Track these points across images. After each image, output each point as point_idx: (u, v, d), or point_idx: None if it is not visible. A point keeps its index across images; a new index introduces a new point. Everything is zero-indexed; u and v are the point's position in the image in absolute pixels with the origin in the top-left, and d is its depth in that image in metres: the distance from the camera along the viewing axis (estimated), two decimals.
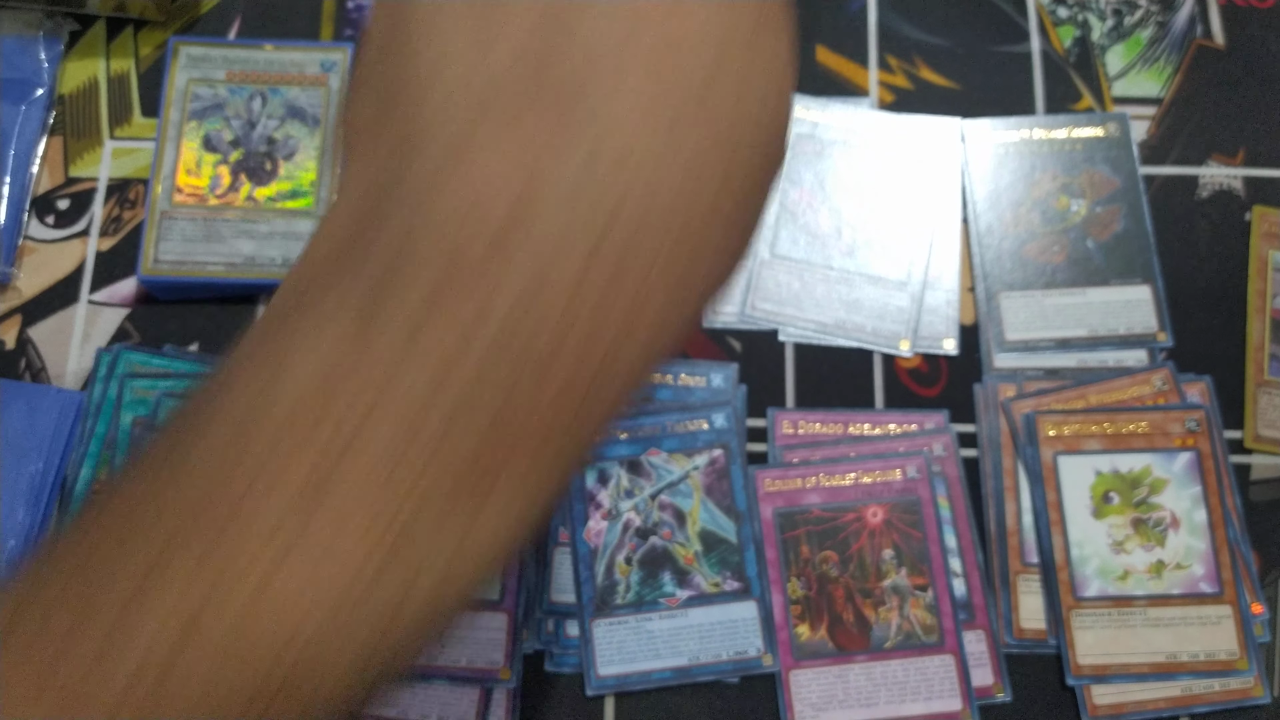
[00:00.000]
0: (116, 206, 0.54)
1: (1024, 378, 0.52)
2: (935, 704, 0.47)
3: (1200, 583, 0.48)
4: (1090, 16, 0.60)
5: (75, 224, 0.54)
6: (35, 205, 0.54)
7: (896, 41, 0.59)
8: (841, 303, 0.53)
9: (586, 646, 0.47)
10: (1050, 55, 0.59)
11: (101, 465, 0.49)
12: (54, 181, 0.54)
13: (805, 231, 0.54)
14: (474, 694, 0.46)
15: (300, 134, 0.54)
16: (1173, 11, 0.60)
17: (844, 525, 0.49)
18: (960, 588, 0.49)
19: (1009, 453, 0.50)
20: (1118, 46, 0.59)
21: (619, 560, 0.48)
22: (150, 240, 0.52)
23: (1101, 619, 0.48)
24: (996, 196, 0.55)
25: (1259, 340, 0.53)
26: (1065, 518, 0.49)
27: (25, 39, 0.56)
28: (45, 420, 0.49)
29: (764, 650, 0.47)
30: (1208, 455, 0.50)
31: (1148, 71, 0.59)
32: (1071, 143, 0.56)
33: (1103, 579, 0.48)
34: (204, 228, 0.52)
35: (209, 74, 0.55)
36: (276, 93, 0.55)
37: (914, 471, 0.50)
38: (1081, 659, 0.47)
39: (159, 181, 0.53)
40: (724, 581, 0.48)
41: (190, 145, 0.54)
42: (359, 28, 0.58)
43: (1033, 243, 0.55)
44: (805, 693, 0.47)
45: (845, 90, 0.58)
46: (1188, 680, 0.47)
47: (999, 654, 0.48)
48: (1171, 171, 0.57)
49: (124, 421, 0.49)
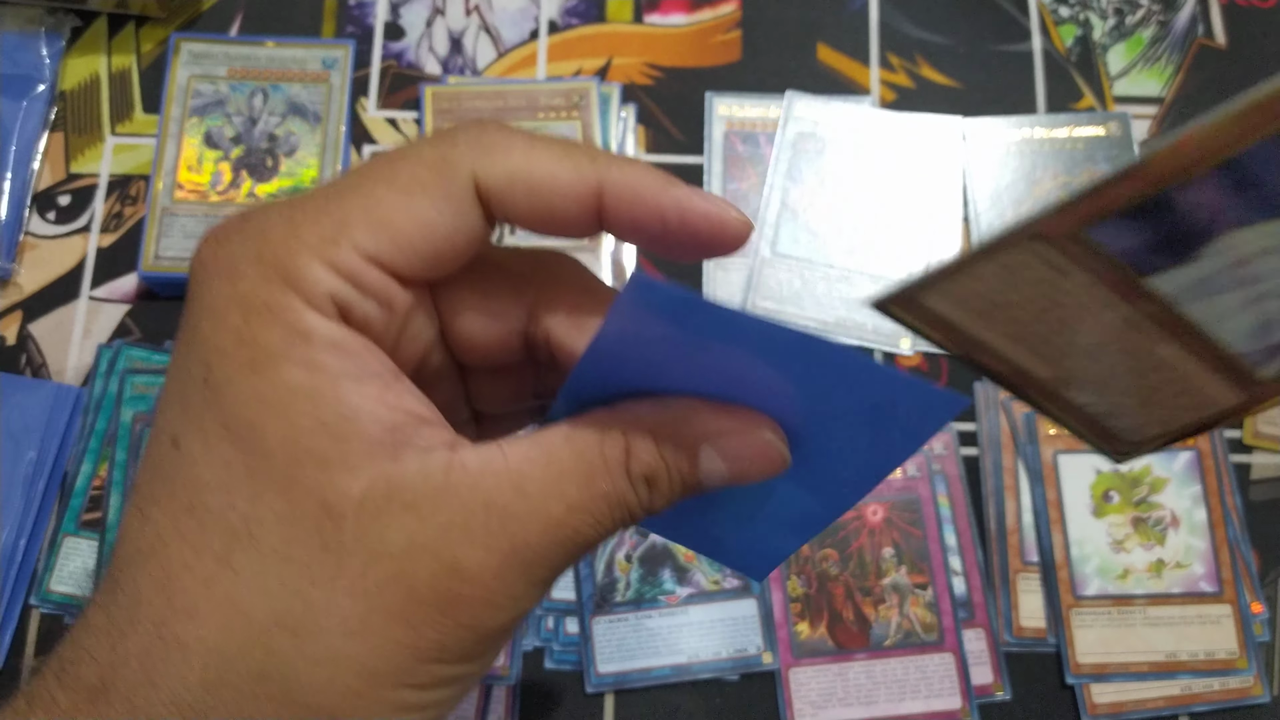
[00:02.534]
0: (117, 203, 0.54)
1: None
2: (935, 702, 0.47)
3: (1200, 582, 0.48)
4: (1092, 16, 0.60)
5: (76, 220, 0.54)
6: (36, 201, 0.54)
7: (898, 40, 0.59)
8: (842, 301, 0.53)
9: (586, 644, 0.47)
10: (1052, 54, 0.59)
11: (102, 461, 0.49)
12: (55, 178, 0.54)
13: (806, 230, 0.54)
14: (473, 691, 0.46)
15: (301, 131, 0.54)
16: (1174, 11, 0.60)
17: (844, 523, 0.49)
18: (960, 586, 0.49)
19: (1009, 451, 0.50)
20: (1119, 46, 0.59)
21: (619, 557, 0.48)
22: (151, 237, 0.52)
23: (1101, 618, 0.48)
24: (998, 196, 0.55)
25: None
26: (1065, 516, 0.49)
27: (27, 35, 0.56)
28: (40, 412, 0.49)
29: (764, 648, 0.47)
30: (1208, 454, 0.50)
31: (1149, 71, 0.59)
32: (1073, 142, 0.56)
33: (1102, 578, 0.48)
34: (205, 224, 0.52)
35: (210, 70, 0.55)
36: (278, 89, 0.55)
37: (914, 470, 0.50)
38: (1081, 658, 0.47)
39: (160, 178, 0.53)
40: (724, 579, 0.48)
41: (191, 142, 0.54)
42: (360, 25, 0.58)
43: None
44: (805, 690, 0.47)
45: (847, 89, 0.58)
46: (1187, 679, 0.47)
47: (999, 652, 0.48)
48: None
49: (124, 417, 0.49)
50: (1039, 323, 0.18)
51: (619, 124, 0.56)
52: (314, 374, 0.20)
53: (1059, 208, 0.16)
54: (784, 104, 0.56)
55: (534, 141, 0.22)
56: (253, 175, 0.54)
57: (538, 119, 0.55)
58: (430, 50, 0.58)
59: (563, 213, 0.22)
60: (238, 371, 0.20)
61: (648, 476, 0.22)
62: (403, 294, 0.22)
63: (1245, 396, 0.20)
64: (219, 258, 0.21)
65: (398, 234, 0.21)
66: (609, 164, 0.22)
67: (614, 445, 0.22)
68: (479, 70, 0.57)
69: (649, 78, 0.57)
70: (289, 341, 0.20)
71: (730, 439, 0.22)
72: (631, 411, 0.22)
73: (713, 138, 0.56)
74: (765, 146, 0.56)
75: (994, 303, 0.18)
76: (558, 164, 0.22)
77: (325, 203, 0.21)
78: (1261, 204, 0.16)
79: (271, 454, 0.20)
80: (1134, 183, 0.16)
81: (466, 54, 0.58)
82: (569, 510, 0.21)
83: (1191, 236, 0.17)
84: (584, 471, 0.21)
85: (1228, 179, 0.16)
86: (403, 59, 0.57)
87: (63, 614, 0.47)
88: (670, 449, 0.22)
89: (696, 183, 0.55)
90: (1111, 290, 0.17)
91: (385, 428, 0.20)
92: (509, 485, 0.21)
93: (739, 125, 0.56)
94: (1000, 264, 0.17)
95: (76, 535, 0.48)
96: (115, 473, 0.48)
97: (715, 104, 0.57)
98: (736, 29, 0.59)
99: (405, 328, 0.23)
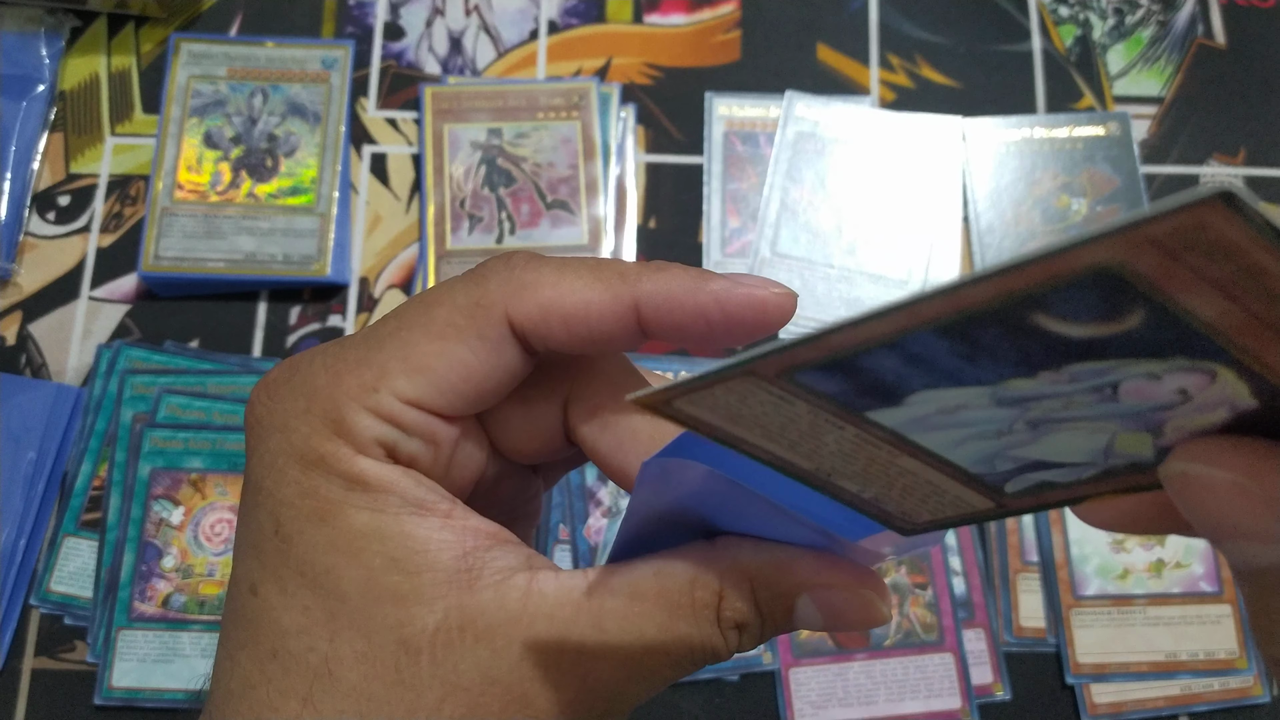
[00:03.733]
0: (117, 203, 0.54)
1: None
2: (934, 702, 0.47)
3: (1200, 581, 0.48)
4: (1091, 16, 0.60)
5: (76, 220, 0.54)
6: (36, 201, 0.54)
7: (898, 40, 0.59)
8: (842, 301, 0.53)
9: None
10: (1051, 54, 0.59)
11: (101, 461, 0.49)
12: (55, 178, 0.54)
13: (806, 230, 0.54)
14: None
15: (301, 131, 0.54)
16: (1174, 11, 0.60)
17: None
18: (960, 586, 0.49)
19: None
20: (1119, 46, 0.59)
21: None
22: (151, 237, 0.52)
23: (1101, 618, 0.48)
24: (997, 195, 0.55)
25: None
26: (1065, 516, 0.49)
27: (27, 35, 0.56)
28: (40, 412, 0.49)
29: (764, 648, 0.47)
30: None
31: (1149, 71, 0.59)
32: (1072, 142, 0.56)
33: (1102, 578, 0.48)
34: (205, 224, 0.52)
35: (210, 71, 0.55)
36: (277, 89, 0.55)
37: None
38: (1081, 657, 0.47)
39: (160, 178, 0.53)
40: None
41: (191, 142, 0.54)
42: (360, 25, 0.58)
43: (1034, 242, 0.55)
44: (805, 690, 0.47)
45: (846, 89, 0.58)
46: (1187, 679, 0.47)
47: (998, 652, 0.48)
48: (1172, 171, 0.57)
49: (124, 417, 0.49)
50: (785, 431, 0.19)
51: (619, 124, 0.56)
52: (377, 515, 0.21)
53: (763, 354, 0.17)
54: (784, 104, 0.56)
55: (564, 269, 0.22)
56: (252, 175, 0.54)
57: (537, 119, 0.55)
58: (430, 50, 0.58)
59: (603, 334, 0.22)
60: (306, 522, 0.21)
61: (739, 624, 0.22)
62: (446, 428, 0.22)
63: (997, 504, 0.21)
64: (273, 413, 0.22)
65: (436, 378, 0.22)
66: (639, 277, 0.22)
67: (706, 589, 0.21)
68: (479, 70, 0.57)
69: (649, 78, 0.57)
70: (347, 488, 0.21)
71: (833, 594, 0.22)
72: (730, 554, 0.22)
73: (712, 138, 0.56)
74: (765, 146, 0.56)
75: (739, 412, 0.19)
76: (589, 289, 0.22)
77: (366, 352, 0.22)
78: (939, 376, 0.17)
79: (347, 596, 0.21)
80: (816, 350, 0.17)
81: (466, 54, 0.58)
82: (646, 651, 0.21)
83: (889, 390, 0.18)
84: (667, 611, 0.21)
85: (898, 355, 0.17)
86: (402, 59, 0.57)
87: (62, 614, 0.47)
88: (768, 598, 0.22)
89: (696, 182, 0.55)
90: (837, 416, 0.18)
91: (456, 555, 0.21)
92: (587, 619, 0.21)
93: (739, 125, 0.56)
94: (728, 388, 0.19)
95: (76, 535, 0.48)
96: (115, 473, 0.48)
97: (715, 104, 0.57)
98: (736, 29, 0.59)
99: (454, 456, 0.23)
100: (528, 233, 0.53)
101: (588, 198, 0.54)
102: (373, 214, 0.55)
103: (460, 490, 0.23)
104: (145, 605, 0.47)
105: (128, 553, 0.47)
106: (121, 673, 0.46)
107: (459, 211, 0.53)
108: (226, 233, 0.52)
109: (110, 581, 0.47)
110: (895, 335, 0.17)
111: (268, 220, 0.53)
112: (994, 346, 0.17)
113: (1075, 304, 0.17)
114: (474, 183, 0.54)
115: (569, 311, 0.22)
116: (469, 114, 0.55)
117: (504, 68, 0.57)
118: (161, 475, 0.48)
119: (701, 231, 0.55)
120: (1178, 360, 0.17)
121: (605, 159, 0.55)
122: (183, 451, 0.49)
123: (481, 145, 0.54)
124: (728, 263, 0.54)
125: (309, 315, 0.53)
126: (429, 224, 0.53)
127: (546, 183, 0.54)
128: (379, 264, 0.54)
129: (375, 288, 0.53)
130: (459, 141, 0.54)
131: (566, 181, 0.54)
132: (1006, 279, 0.15)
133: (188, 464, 0.48)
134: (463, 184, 0.54)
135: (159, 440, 0.48)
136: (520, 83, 0.56)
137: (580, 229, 0.53)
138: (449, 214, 0.53)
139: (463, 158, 0.54)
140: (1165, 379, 0.18)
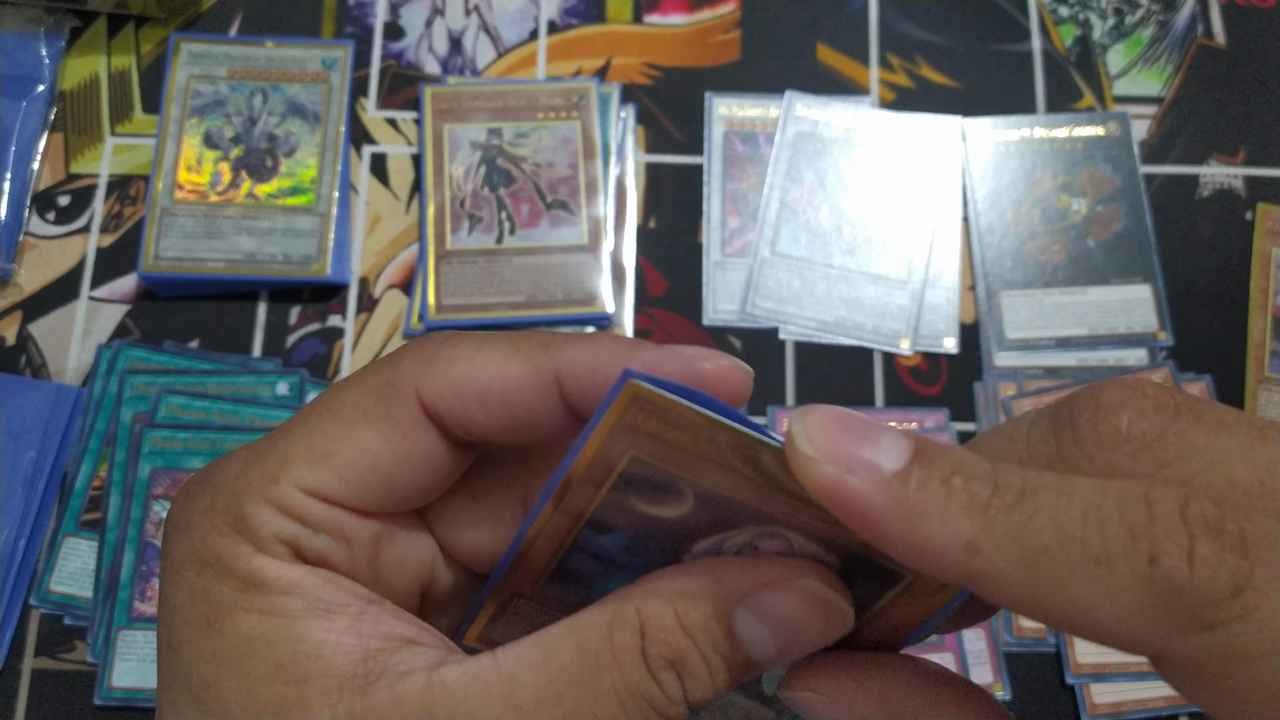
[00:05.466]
0: (117, 203, 0.54)
1: (1024, 376, 0.52)
2: None
3: None
4: (1091, 15, 0.60)
5: (76, 220, 0.54)
6: (36, 202, 0.54)
7: (897, 40, 0.59)
8: (842, 301, 0.53)
9: None
10: (1051, 54, 0.59)
11: (101, 461, 0.49)
12: (55, 178, 0.54)
13: (806, 230, 0.54)
14: None
15: (301, 131, 0.54)
16: (1174, 11, 0.60)
17: None
18: None
19: None
20: (1119, 45, 0.59)
21: None
22: (151, 237, 0.52)
23: None
24: (997, 195, 0.55)
25: (1260, 337, 0.53)
26: None
27: (26, 35, 0.56)
28: (40, 412, 0.49)
29: None
30: None
31: (1148, 71, 0.59)
32: (1072, 142, 0.56)
33: None
34: (205, 224, 0.52)
35: (210, 71, 0.55)
36: (277, 90, 0.55)
37: None
38: (1081, 657, 0.47)
39: (160, 178, 0.53)
40: None
41: (191, 142, 0.54)
42: (360, 25, 0.58)
43: (1033, 241, 0.55)
44: None
45: (846, 88, 0.58)
46: None
47: (998, 652, 0.48)
48: (1172, 171, 0.57)
49: (124, 417, 0.49)
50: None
51: (619, 124, 0.56)
52: (270, 619, 0.19)
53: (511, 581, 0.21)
54: (784, 104, 0.56)
55: (481, 344, 0.20)
56: (252, 175, 0.54)
57: (537, 119, 0.55)
58: (430, 50, 0.58)
59: (524, 412, 0.20)
60: (195, 630, 0.19)
61: (672, 660, 0.18)
62: (360, 524, 0.21)
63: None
64: (183, 513, 0.20)
65: (340, 465, 0.20)
66: (562, 346, 0.20)
67: (624, 628, 0.19)
68: (479, 70, 0.57)
69: (649, 78, 0.57)
70: (242, 590, 0.19)
71: (764, 596, 0.19)
72: (649, 583, 0.19)
73: (712, 138, 0.56)
74: (765, 146, 0.56)
75: (535, 624, 0.21)
76: (505, 362, 0.20)
77: (274, 440, 0.20)
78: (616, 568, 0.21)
79: (228, 711, 0.19)
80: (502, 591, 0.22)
81: (466, 54, 0.58)
82: (565, 718, 0.18)
83: (583, 581, 0.22)
84: (585, 667, 0.18)
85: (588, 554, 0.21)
86: (402, 59, 0.57)
87: (62, 614, 0.47)
88: (697, 620, 0.19)
89: (696, 182, 0.55)
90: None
91: (355, 659, 0.19)
92: (498, 698, 0.18)
93: (739, 125, 0.56)
94: (515, 611, 0.22)
95: (76, 535, 0.48)
96: (115, 473, 0.48)
97: (715, 104, 0.57)
98: (736, 29, 0.59)
99: (380, 555, 0.21)
100: (528, 233, 0.53)
101: (588, 198, 0.54)
102: (373, 214, 0.55)
103: (399, 593, 0.21)
104: (145, 605, 0.47)
105: (128, 553, 0.47)
106: (121, 673, 0.46)
107: (459, 211, 0.53)
108: (226, 233, 0.52)
109: (110, 581, 0.47)
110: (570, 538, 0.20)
111: (268, 220, 0.53)
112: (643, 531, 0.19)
113: (640, 488, 0.19)
114: (474, 183, 0.54)
115: (483, 386, 0.20)
116: (469, 114, 0.55)
117: (504, 68, 0.57)
118: (161, 475, 0.48)
119: (701, 231, 0.55)
120: (749, 529, 0.19)
121: (605, 159, 0.55)
122: (183, 452, 0.49)
123: (481, 145, 0.54)
124: (727, 263, 0.54)
125: (309, 315, 0.53)
126: (429, 224, 0.53)
127: (546, 183, 0.54)
128: (379, 264, 0.54)
129: (375, 288, 0.53)
130: (459, 141, 0.54)
131: (566, 181, 0.54)
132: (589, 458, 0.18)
133: (188, 464, 0.48)
134: (463, 184, 0.54)
135: (159, 440, 0.49)
136: (520, 83, 0.56)
137: (580, 229, 0.53)
138: (449, 214, 0.53)
139: (463, 158, 0.54)
140: (762, 543, 0.19)
